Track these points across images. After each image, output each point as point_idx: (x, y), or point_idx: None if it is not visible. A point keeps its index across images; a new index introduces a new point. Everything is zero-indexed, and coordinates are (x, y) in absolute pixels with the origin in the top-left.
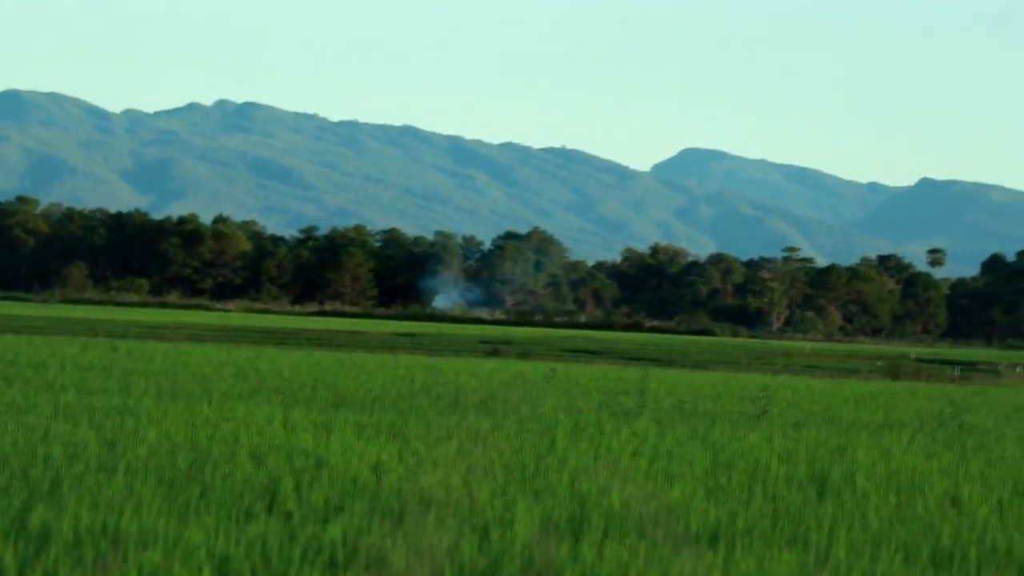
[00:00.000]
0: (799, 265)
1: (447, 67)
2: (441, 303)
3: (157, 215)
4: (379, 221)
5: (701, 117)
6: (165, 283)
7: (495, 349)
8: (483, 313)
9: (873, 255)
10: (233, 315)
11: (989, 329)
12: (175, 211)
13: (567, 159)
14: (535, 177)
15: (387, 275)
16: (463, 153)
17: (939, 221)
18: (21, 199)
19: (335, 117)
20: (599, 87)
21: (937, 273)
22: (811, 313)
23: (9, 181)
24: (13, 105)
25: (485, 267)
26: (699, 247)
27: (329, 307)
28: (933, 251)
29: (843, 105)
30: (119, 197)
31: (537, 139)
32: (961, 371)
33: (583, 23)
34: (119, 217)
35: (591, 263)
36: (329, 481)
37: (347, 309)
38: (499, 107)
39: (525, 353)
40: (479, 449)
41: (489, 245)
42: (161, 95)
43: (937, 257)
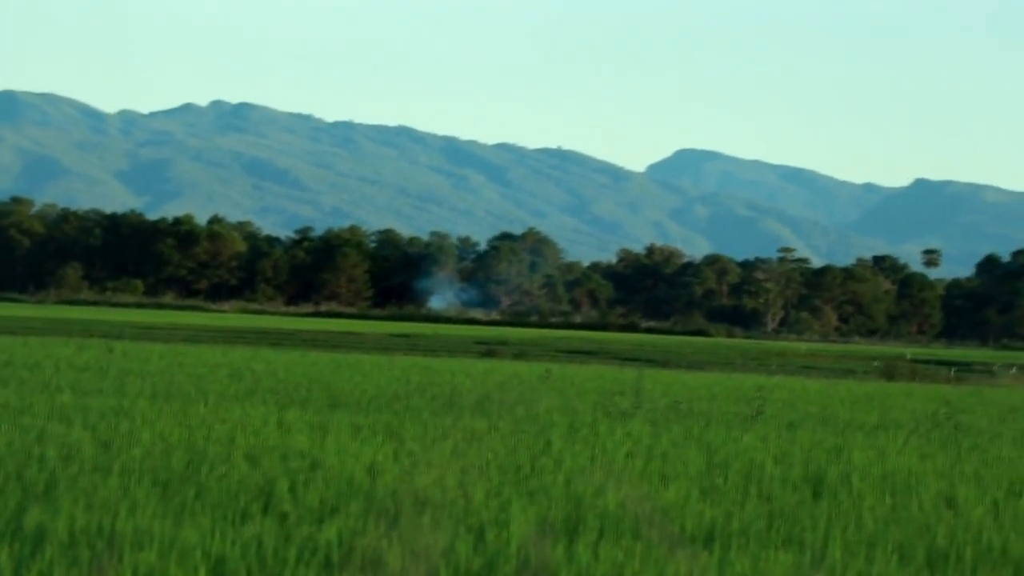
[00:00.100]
0: (794, 266)
1: (442, 68)
2: (436, 304)
3: (152, 216)
4: (374, 222)
5: (696, 118)
6: (160, 284)
7: (490, 350)
8: (478, 314)
9: (868, 256)
10: (228, 316)
11: (984, 330)
12: (170, 212)
13: (562, 160)
14: (530, 178)
15: (382, 276)
16: (458, 154)
17: (934, 222)
18: (16, 200)
19: (330, 118)
20: (594, 88)
21: (932, 274)
22: (806, 314)
23: (4, 182)
24: (8, 106)
25: (480, 268)
26: (694, 248)
27: (324, 308)
28: (928, 252)
29: (838, 106)
30: (114, 198)
31: (532, 140)
32: (956, 372)
33: (578, 24)
34: (114, 218)
35: (586, 264)
36: (324, 482)
37: (342, 310)
38: (494, 108)
39: (520, 354)
40: (475, 450)
41: (484, 246)
42: (156, 96)
43: (932, 258)
